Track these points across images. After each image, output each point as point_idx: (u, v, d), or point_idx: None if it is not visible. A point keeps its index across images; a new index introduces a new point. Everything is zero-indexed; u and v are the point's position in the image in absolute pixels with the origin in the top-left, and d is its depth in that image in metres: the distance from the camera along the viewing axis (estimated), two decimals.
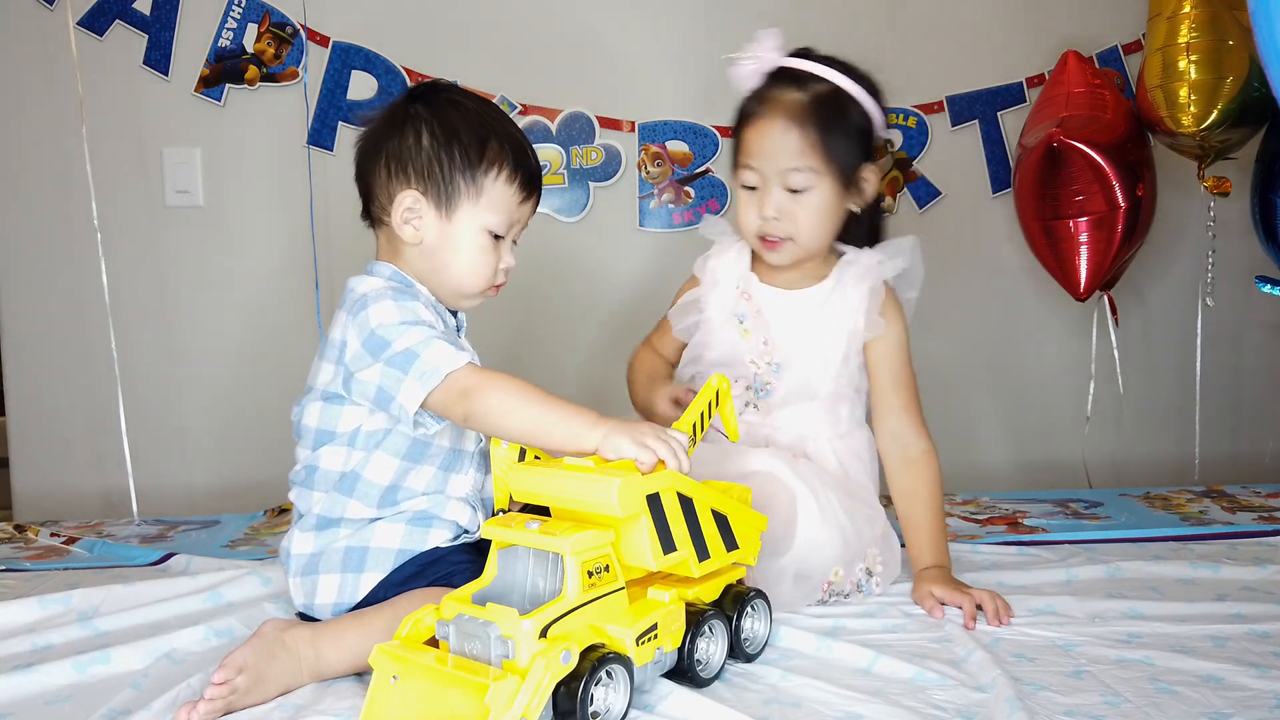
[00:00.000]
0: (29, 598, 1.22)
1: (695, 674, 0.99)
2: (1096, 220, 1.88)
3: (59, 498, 2.11)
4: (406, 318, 1.09)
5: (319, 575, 1.12)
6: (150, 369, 2.09)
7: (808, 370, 1.33)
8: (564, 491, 0.96)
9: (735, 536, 1.05)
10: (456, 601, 0.91)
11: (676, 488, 0.99)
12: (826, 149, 1.27)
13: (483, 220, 1.17)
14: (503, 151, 1.17)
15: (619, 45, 2.15)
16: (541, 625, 0.87)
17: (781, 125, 1.28)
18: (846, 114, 1.29)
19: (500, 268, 1.20)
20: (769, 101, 1.30)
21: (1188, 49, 1.75)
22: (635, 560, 0.96)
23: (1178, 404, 2.20)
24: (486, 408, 1.04)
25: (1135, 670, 1.03)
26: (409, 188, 1.17)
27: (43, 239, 2.09)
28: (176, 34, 2.07)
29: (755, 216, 1.30)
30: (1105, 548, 1.45)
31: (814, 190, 1.28)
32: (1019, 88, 2.16)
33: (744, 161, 1.31)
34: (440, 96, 1.20)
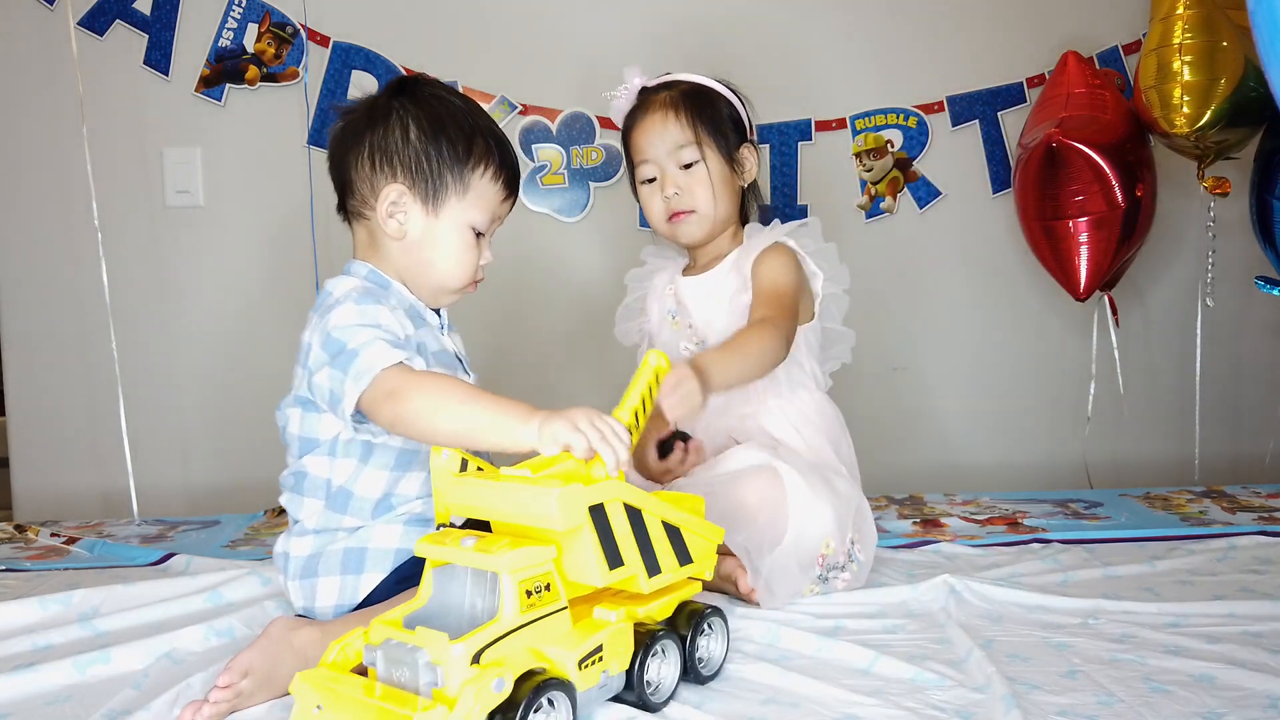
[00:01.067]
0: (29, 598, 1.23)
1: (645, 698, 0.93)
2: (1096, 220, 1.88)
3: (59, 497, 2.11)
4: (364, 320, 1.08)
5: (318, 578, 1.12)
6: (150, 369, 2.10)
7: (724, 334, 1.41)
8: (502, 504, 0.90)
9: (689, 550, 0.99)
10: (386, 625, 0.86)
11: (622, 498, 0.93)
12: (704, 127, 1.44)
13: (468, 217, 1.18)
14: (489, 149, 1.18)
15: (619, 46, 2.15)
16: (474, 650, 0.81)
17: (661, 115, 1.45)
18: (714, 102, 1.47)
19: (480, 264, 1.21)
20: (648, 104, 1.47)
21: (1181, 50, 1.76)
22: (579, 577, 0.90)
23: (1178, 404, 2.20)
24: (413, 410, 1.01)
25: (1128, 670, 1.03)
26: (394, 181, 1.16)
27: (43, 239, 2.10)
28: (177, 34, 2.07)
29: (660, 201, 1.47)
30: (1104, 548, 1.46)
31: (701, 163, 1.44)
32: (1019, 88, 2.16)
33: (638, 160, 1.48)
34: (424, 91, 1.20)
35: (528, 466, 0.94)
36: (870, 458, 1.53)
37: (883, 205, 2.18)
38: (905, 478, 2.12)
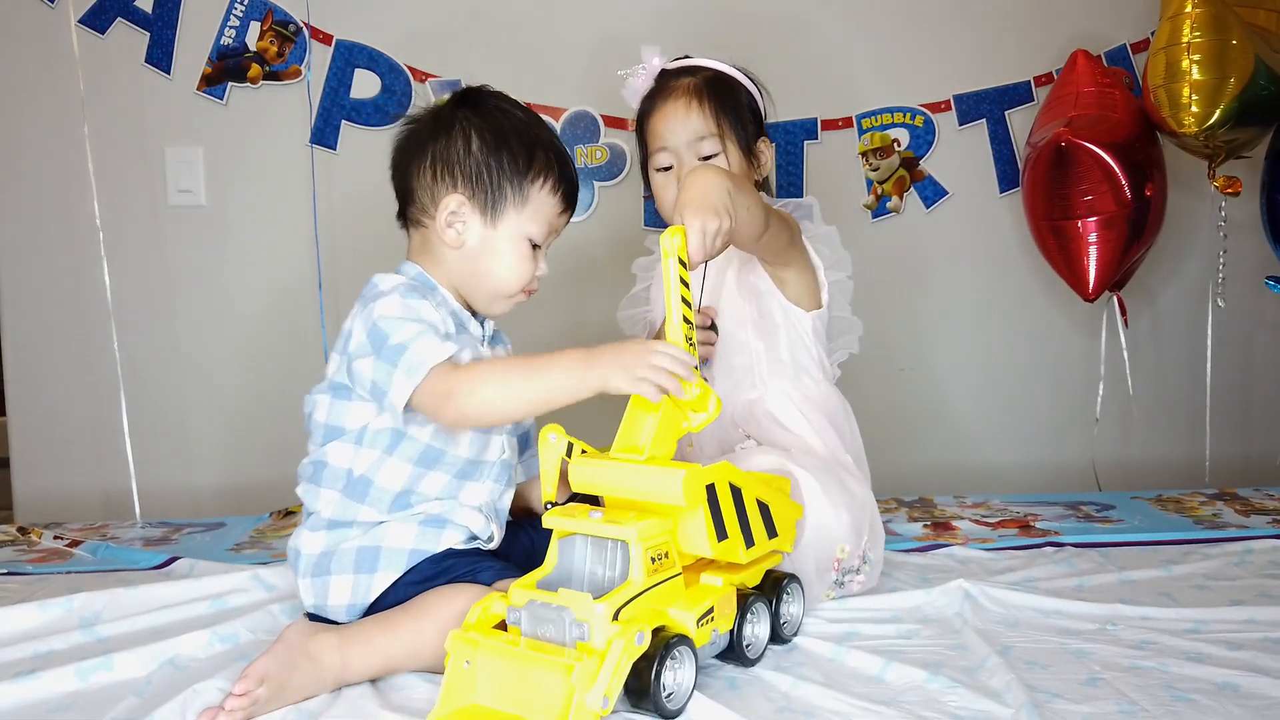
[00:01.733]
0: (30, 602, 1.21)
1: (744, 655, 1.05)
2: (1105, 220, 1.86)
3: (60, 499, 2.10)
4: (407, 314, 1.09)
5: (330, 576, 1.11)
6: (153, 369, 2.08)
7: (725, 323, 1.41)
8: (626, 483, 1.01)
9: (775, 524, 1.10)
10: (525, 588, 0.95)
11: (729, 479, 1.04)
12: (725, 118, 1.40)
13: (526, 229, 1.19)
14: (549, 162, 1.19)
15: (623, 43, 2.13)
16: (614, 609, 0.91)
17: (684, 102, 1.41)
18: (736, 92, 1.44)
19: (535, 275, 1.22)
20: (669, 89, 1.43)
21: (1190, 49, 1.74)
22: (690, 548, 1.01)
23: (1188, 405, 2.19)
24: (480, 400, 1.05)
25: (1150, 678, 1.02)
26: (455, 191, 1.18)
27: (44, 238, 2.08)
28: (178, 32, 2.05)
29: (674, 191, 1.37)
30: (1118, 552, 1.44)
31: (722, 156, 1.40)
32: (1027, 86, 2.14)
33: (655, 147, 1.43)
34: (488, 103, 1.22)
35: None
36: (877, 458, 1.51)
37: (889, 205, 2.16)
38: (912, 478, 2.10)
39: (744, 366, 1.41)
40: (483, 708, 0.92)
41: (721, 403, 1.07)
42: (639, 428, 1.04)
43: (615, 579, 0.97)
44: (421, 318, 1.09)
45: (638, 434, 1.04)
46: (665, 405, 1.04)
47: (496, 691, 0.92)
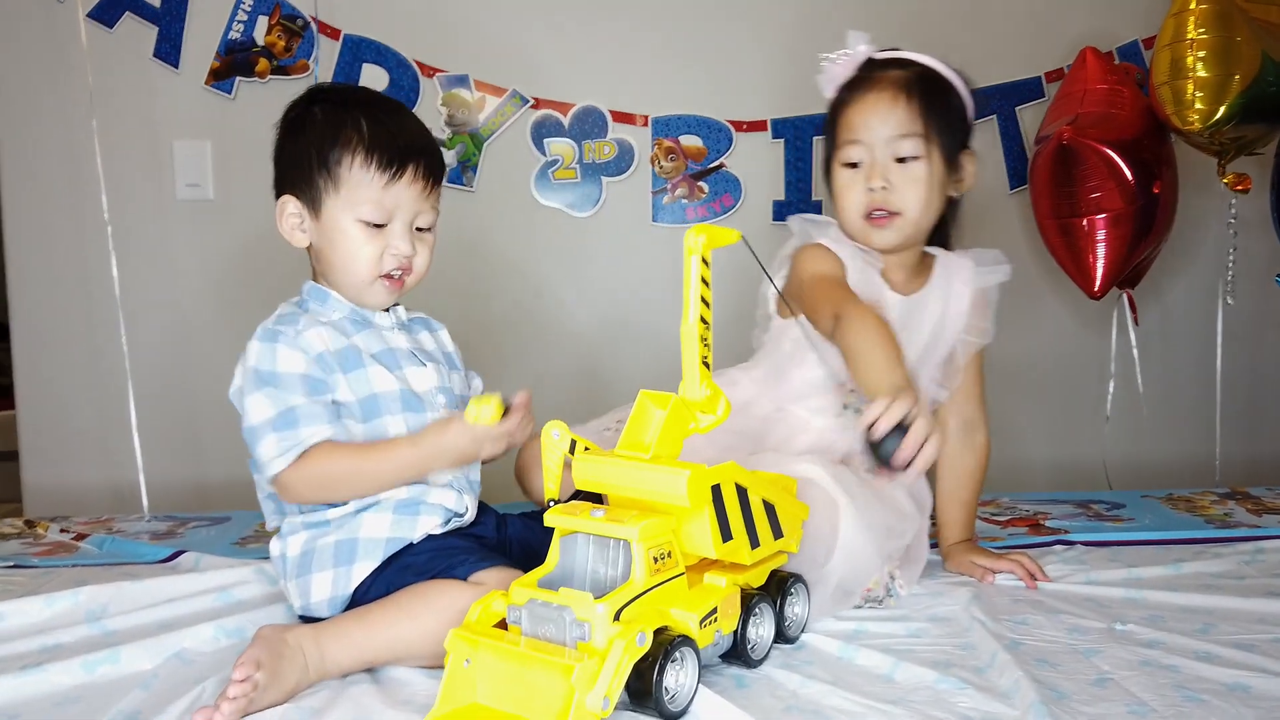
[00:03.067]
0: (36, 595, 1.21)
1: (748, 656, 1.04)
2: (1112, 218, 1.85)
3: (68, 492, 2.10)
4: (262, 364, 1.12)
5: (312, 574, 1.11)
6: (160, 363, 2.08)
7: (919, 365, 1.33)
8: (629, 481, 0.99)
9: (781, 525, 1.09)
10: (526, 587, 0.94)
11: (735, 478, 1.03)
12: (934, 120, 1.28)
13: (351, 211, 1.16)
14: (353, 137, 1.15)
15: (632, 39, 2.13)
16: (615, 608, 0.90)
17: (890, 95, 1.28)
18: (948, 94, 1.31)
19: (390, 253, 1.17)
20: (873, 80, 1.30)
21: (1194, 45, 1.73)
22: (694, 548, 1.00)
23: (1198, 404, 2.18)
24: (310, 499, 1.13)
25: (1160, 677, 1.01)
26: (286, 193, 1.19)
27: (53, 232, 2.09)
28: (187, 26, 2.05)
29: (862, 192, 1.29)
30: (1128, 550, 1.43)
31: (922, 161, 1.28)
32: (1037, 82, 2.13)
33: (847, 138, 1.30)
34: (314, 98, 1.20)
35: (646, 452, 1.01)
36: None
37: None
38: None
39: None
40: (483, 707, 0.91)
41: (731, 406, 1.05)
42: (645, 426, 1.03)
43: (617, 578, 0.96)
44: (275, 376, 1.11)
45: (644, 432, 1.03)
46: (673, 404, 1.03)
47: (496, 691, 0.91)
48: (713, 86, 2.13)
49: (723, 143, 2.13)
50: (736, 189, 2.14)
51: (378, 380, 1.15)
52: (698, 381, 1.02)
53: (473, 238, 2.09)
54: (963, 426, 1.39)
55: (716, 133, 2.13)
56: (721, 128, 2.13)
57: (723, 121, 2.13)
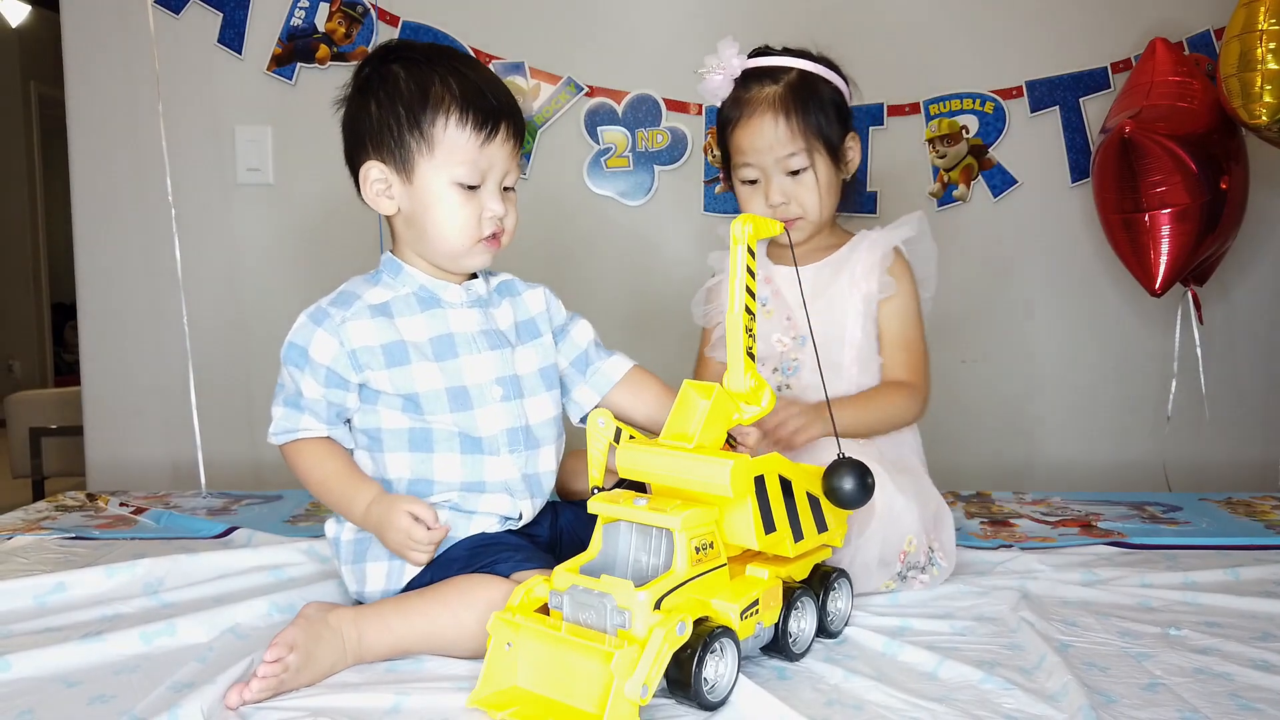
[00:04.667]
0: (97, 566, 1.25)
1: (789, 649, 1.03)
2: (1177, 213, 1.80)
3: (130, 467, 2.16)
4: (298, 340, 1.15)
5: (367, 563, 1.13)
6: (220, 343, 2.13)
7: (828, 339, 1.37)
8: (673, 470, 0.99)
9: (826, 519, 1.08)
10: (568, 573, 0.95)
11: (779, 470, 1.02)
12: (812, 129, 1.37)
13: (447, 173, 1.13)
14: (445, 96, 1.12)
15: (687, 28, 2.12)
16: (656, 597, 0.90)
17: (769, 118, 1.37)
18: (820, 93, 1.39)
19: (486, 217, 1.15)
20: (749, 101, 1.38)
21: (1264, 36, 1.66)
22: (737, 539, 1.00)
23: (1262, 406, 2.11)
24: (297, 477, 1.16)
25: (1214, 685, 0.99)
26: (370, 159, 1.15)
27: (119, 214, 2.14)
28: (250, 13, 2.09)
29: (764, 206, 1.40)
30: (1184, 555, 1.40)
31: (810, 170, 1.38)
32: (1103, 73, 2.08)
33: (740, 161, 1.40)
34: (389, 57, 1.16)
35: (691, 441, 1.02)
36: (936, 452, 1.49)
37: (955, 193, 2.12)
38: (971, 474, 2.07)
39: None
40: (523, 690, 0.92)
41: (776, 397, 1.05)
42: (689, 415, 1.03)
43: (659, 567, 0.96)
44: (305, 357, 1.13)
45: (688, 421, 1.03)
46: (717, 395, 1.02)
47: (537, 675, 0.92)
48: None
49: None
50: None
51: (421, 378, 1.13)
52: (742, 372, 1.02)
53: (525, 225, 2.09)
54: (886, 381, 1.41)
55: None
56: None
57: None
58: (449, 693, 0.95)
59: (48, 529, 1.50)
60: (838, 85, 1.41)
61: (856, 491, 1.00)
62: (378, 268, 1.21)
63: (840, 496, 1.01)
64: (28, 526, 1.52)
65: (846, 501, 1.01)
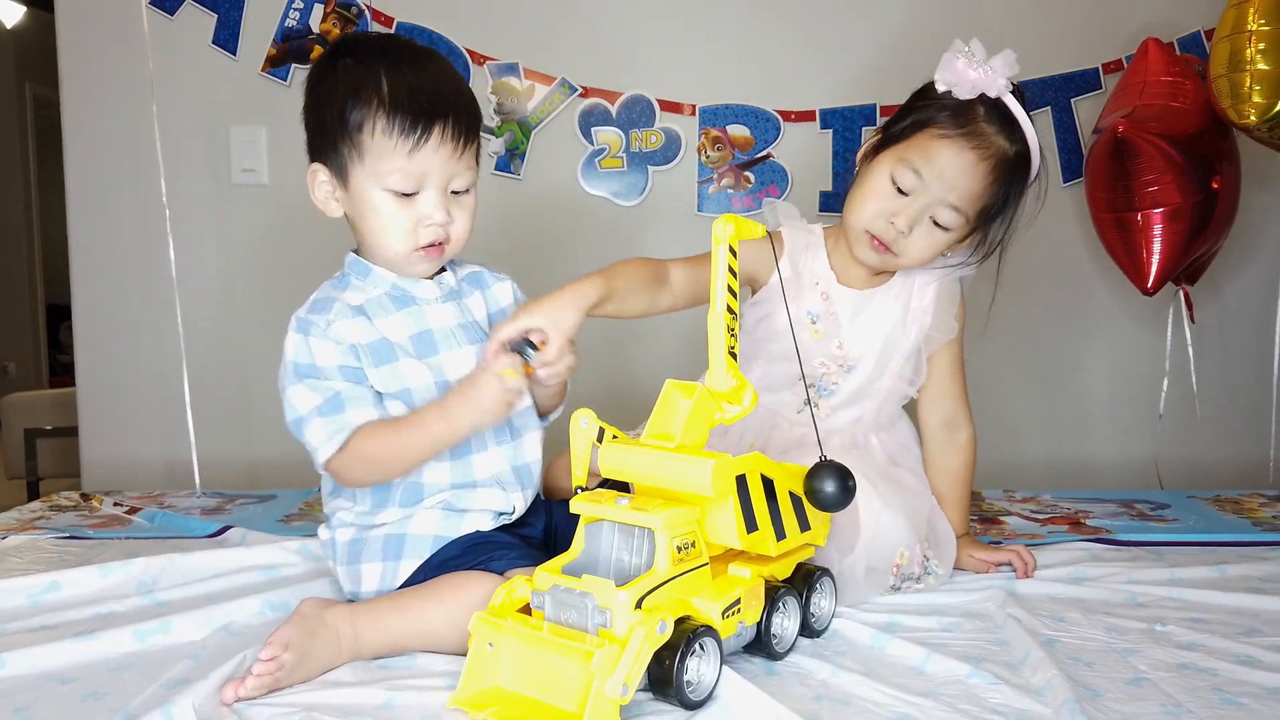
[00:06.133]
0: (91, 565, 1.26)
1: (772, 648, 1.03)
2: (1169, 213, 1.81)
3: (125, 467, 2.17)
4: (300, 357, 1.11)
5: (361, 564, 1.13)
6: (214, 344, 2.14)
7: (875, 370, 1.33)
8: (655, 470, 0.99)
9: (809, 517, 1.08)
10: (550, 573, 0.95)
11: (761, 469, 1.02)
12: (990, 207, 1.26)
13: (378, 181, 1.09)
14: (374, 99, 1.07)
15: (681, 28, 2.13)
16: (637, 596, 0.91)
17: (978, 167, 1.22)
18: (1024, 181, 1.27)
19: (424, 226, 1.11)
20: (975, 134, 1.22)
21: (1254, 37, 1.67)
22: (719, 538, 1.00)
23: (1254, 404, 2.12)
24: (363, 480, 1.12)
25: (1198, 680, 1.00)
26: (316, 161, 1.14)
27: (113, 215, 2.15)
28: (244, 14, 2.10)
29: (884, 216, 1.25)
30: (1171, 551, 1.41)
31: (951, 233, 1.26)
32: (1095, 74, 2.09)
33: (914, 163, 1.23)
34: (339, 52, 1.13)
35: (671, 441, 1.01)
36: None
37: None
38: None
39: (852, 426, 1.36)
40: (504, 690, 0.93)
41: (758, 396, 1.05)
42: (671, 415, 1.03)
43: (641, 566, 0.96)
44: (314, 367, 1.10)
45: (670, 421, 1.03)
46: (699, 394, 1.02)
47: (518, 675, 0.92)
48: (761, 76, 2.13)
49: (770, 133, 2.12)
50: (784, 179, 2.13)
51: (410, 374, 1.13)
52: (724, 371, 1.02)
53: (519, 225, 2.11)
54: (944, 425, 1.37)
55: (764, 122, 2.12)
56: (769, 117, 2.12)
57: (770, 111, 2.12)
58: (441, 690, 0.95)
59: (42, 529, 1.51)
60: (1030, 177, 1.27)
61: (838, 494, 1.00)
62: (344, 270, 1.20)
63: (821, 499, 1.01)
64: (22, 526, 1.53)
65: (828, 504, 1.02)
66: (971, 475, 1.38)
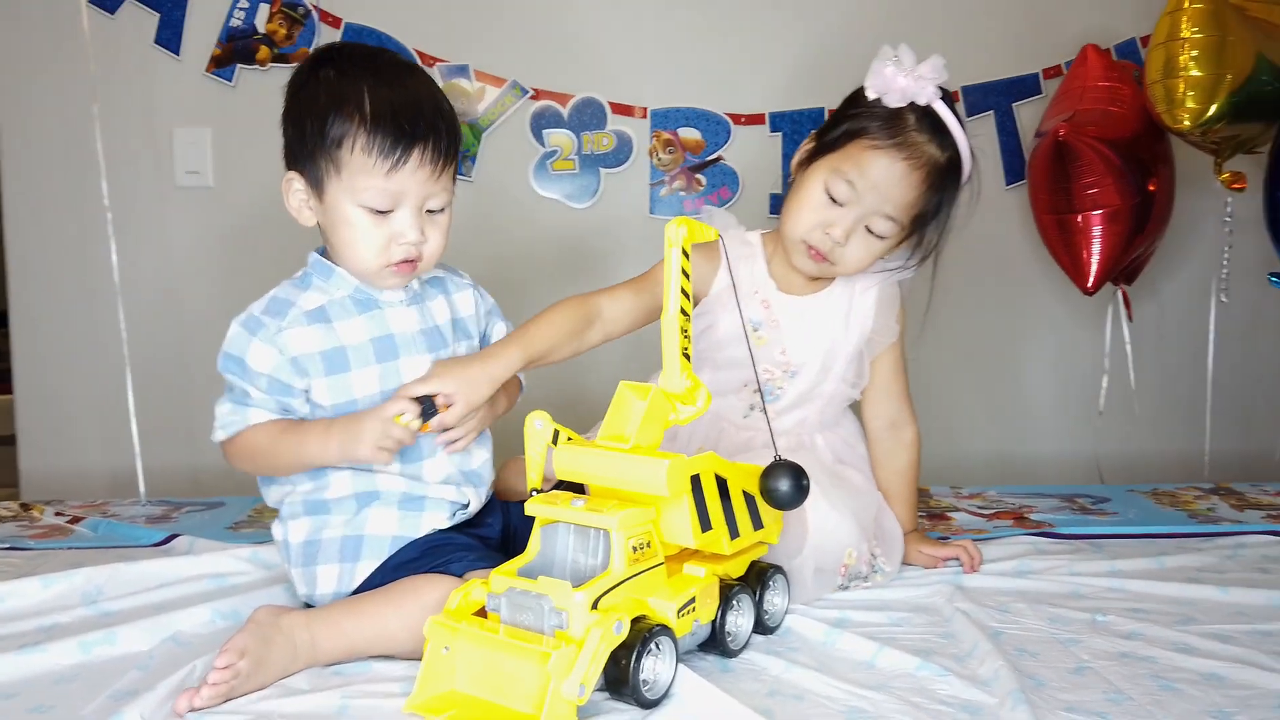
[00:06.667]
0: (33, 577, 1.23)
1: (726, 646, 1.04)
2: (1108, 214, 1.86)
3: (65, 477, 2.12)
4: (233, 349, 1.14)
5: (317, 566, 1.12)
6: (158, 349, 2.10)
7: (819, 374, 1.35)
8: (610, 471, 1.00)
9: (761, 516, 1.10)
10: (505, 575, 0.95)
11: (715, 469, 1.04)
12: (923, 216, 1.27)
13: (354, 197, 1.09)
14: (355, 117, 1.07)
15: (632, 31, 2.14)
16: (593, 597, 0.91)
17: (909, 176, 1.23)
18: (956, 185, 1.28)
19: (398, 243, 1.11)
20: (906, 144, 1.23)
21: (1187, 45, 1.73)
22: (674, 538, 1.01)
23: (1190, 400, 2.19)
24: (244, 469, 1.15)
25: (1138, 667, 1.03)
26: (292, 169, 1.14)
27: (53, 218, 2.10)
28: (188, 13, 2.06)
29: (820, 227, 1.26)
30: (1112, 544, 1.45)
31: (886, 241, 1.28)
32: (1035, 79, 2.14)
33: (846, 173, 1.24)
34: (322, 60, 1.13)
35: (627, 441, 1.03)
36: None
37: None
38: None
39: (798, 428, 1.37)
40: (460, 694, 0.92)
41: (711, 397, 1.06)
42: (626, 416, 1.04)
43: (597, 567, 0.97)
44: (243, 367, 1.13)
45: (624, 422, 1.04)
46: (654, 395, 1.03)
47: (474, 678, 0.92)
48: (711, 79, 2.14)
49: (721, 135, 2.14)
50: (734, 182, 2.15)
51: (359, 384, 1.13)
52: (678, 372, 1.04)
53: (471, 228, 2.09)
54: (888, 426, 1.39)
55: (715, 125, 2.14)
56: (720, 120, 2.14)
57: (721, 114, 2.14)
58: (397, 696, 0.95)
59: None
60: (964, 175, 1.29)
61: (792, 492, 1.02)
62: (306, 269, 1.18)
63: (776, 498, 1.03)
64: None
65: (782, 503, 1.03)
66: (917, 473, 1.41)
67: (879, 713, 0.93)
